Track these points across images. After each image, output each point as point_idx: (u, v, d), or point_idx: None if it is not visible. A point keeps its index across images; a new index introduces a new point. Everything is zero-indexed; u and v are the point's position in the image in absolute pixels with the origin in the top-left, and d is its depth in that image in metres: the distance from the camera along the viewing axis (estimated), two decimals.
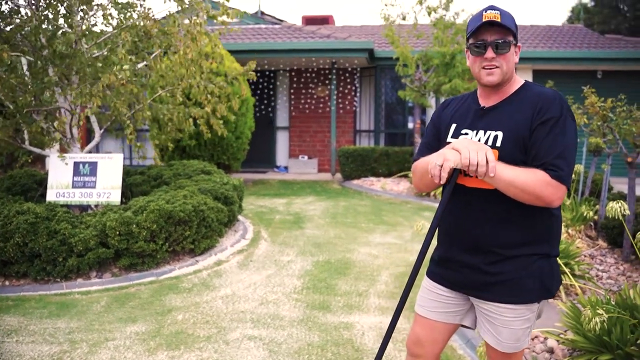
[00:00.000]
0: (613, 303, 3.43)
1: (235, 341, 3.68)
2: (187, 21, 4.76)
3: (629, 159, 5.30)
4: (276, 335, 3.78)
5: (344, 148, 11.48)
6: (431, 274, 2.26)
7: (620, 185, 9.22)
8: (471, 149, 1.80)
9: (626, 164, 5.29)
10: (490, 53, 1.95)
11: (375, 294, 4.67)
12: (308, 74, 13.33)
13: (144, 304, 4.32)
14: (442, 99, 10.97)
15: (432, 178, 1.88)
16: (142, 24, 4.67)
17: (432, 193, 9.29)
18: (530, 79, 12.76)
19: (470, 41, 2.01)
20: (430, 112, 12.78)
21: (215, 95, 5.39)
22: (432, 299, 2.21)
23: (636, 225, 5.42)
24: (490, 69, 1.97)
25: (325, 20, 18.78)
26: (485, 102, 2.07)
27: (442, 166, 1.83)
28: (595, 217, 6.21)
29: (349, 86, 13.41)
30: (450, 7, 9.88)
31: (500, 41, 1.94)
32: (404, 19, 10.29)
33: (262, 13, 14.53)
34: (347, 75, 13.38)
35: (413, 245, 6.31)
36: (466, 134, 2.05)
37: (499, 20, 1.93)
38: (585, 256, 5.39)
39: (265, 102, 13.61)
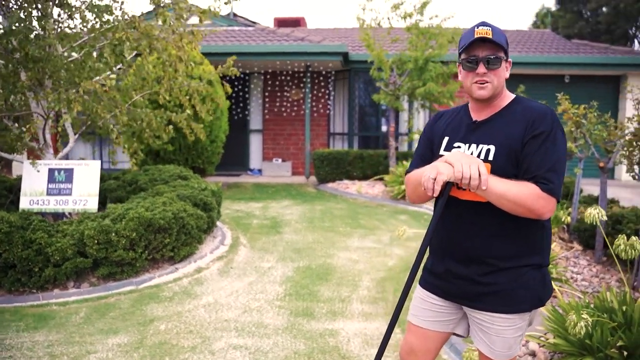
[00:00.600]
0: (592, 306, 3.53)
1: (220, 351, 3.65)
2: (173, 21, 4.69)
3: (601, 163, 5.45)
4: (262, 344, 3.76)
5: (319, 151, 11.49)
6: (424, 283, 2.27)
7: (588, 187, 9.49)
8: (464, 162, 1.83)
9: (599, 168, 5.44)
10: (481, 68, 1.99)
11: (358, 300, 4.69)
12: (282, 77, 13.31)
13: (125, 315, 4.25)
14: (416, 103, 11.10)
15: (425, 190, 1.90)
16: (122, 27, 4.58)
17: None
18: None
19: (463, 56, 2.05)
20: (404, 115, 12.91)
21: (200, 95, 5.32)
22: (426, 308, 2.24)
23: (608, 227, 5.58)
24: (481, 84, 2.01)
25: (297, 23, 18.78)
26: (477, 115, 2.11)
27: (435, 179, 1.85)
28: (568, 220, 6.36)
29: (323, 89, 13.44)
30: (425, 13, 9.98)
31: (491, 57, 1.98)
32: (379, 24, 10.36)
33: (235, 15, 14.44)
34: (321, 78, 13.41)
35: (392, 250, 6.36)
36: (459, 147, 2.08)
37: (490, 36, 1.97)
38: (560, 259, 5.52)
39: (240, 105, 13.52)
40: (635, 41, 32.30)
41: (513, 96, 2.11)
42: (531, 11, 60.15)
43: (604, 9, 32.24)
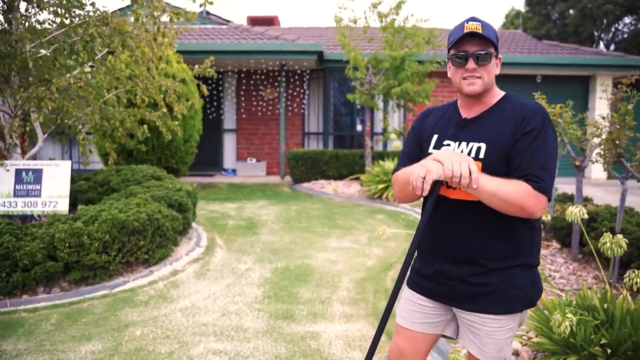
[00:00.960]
0: (574, 304, 3.54)
1: (199, 356, 3.54)
2: (146, 19, 4.54)
3: (577, 162, 5.50)
4: (242, 349, 3.66)
5: (294, 151, 11.40)
6: (412, 285, 2.22)
7: (560, 185, 9.62)
8: (454, 160, 1.79)
9: (575, 167, 5.48)
10: (471, 64, 1.95)
11: (338, 301, 4.62)
12: (257, 76, 13.17)
13: (99, 320, 4.09)
14: (392, 102, 11.09)
15: (413, 189, 1.84)
16: (94, 23, 4.41)
17: (383, 195, 9.36)
18: None
19: (452, 52, 2.01)
20: (379, 114, 12.91)
21: (176, 94, 5.17)
22: (414, 309, 2.18)
23: (583, 225, 5.63)
24: (471, 79, 1.97)
25: (270, 21, 18.65)
26: (466, 113, 2.07)
27: (424, 178, 1.80)
28: (548, 219, 6.42)
29: (298, 88, 13.35)
30: (400, 12, 9.99)
31: (482, 52, 1.94)
32: (355, 22, 10.33)
33: (208, 13, 14.23)
34: (296, 77, 13.31)
35: (370, 250, 6.31)
36: (448, 145, 2.04)
37: (480, 31, 1.94)
38: None
39: (214, 104, 13.33)
40: (601, 43, 33.11)
41: (503, 93, 2.07)
42: (501, 12, 61.09)
43: (571, 11, 32.98)
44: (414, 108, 11.13)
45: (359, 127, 13.36)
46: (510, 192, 1.81)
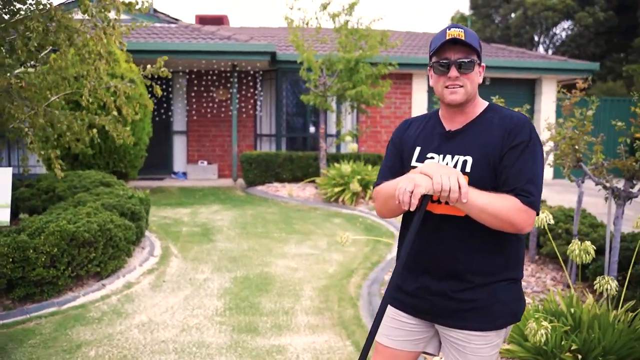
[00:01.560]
0: (541, 310, 3.55)
1: None
2: (95, 12, 4.24)
3: None
4: None
5: (247, 153, 11.18)
6: (393, 301, 2.12)
7: None
8: (443, 174, 1.71)
9: None
10: (453, 72, 1.88)
11: (302, 311, 4.49)
12: (208, 77, 12.84)
13: (47, 341, 3.80)
14: (346, 105, 11.05)
15: (398, 204, 1.76)
16: (37, 17, 4.08)
17: (340, 199, 9.30)
18: (425, 85, 13.30)
19: (434, 59, 1.94)
20: (332, 116, 12.86)
21: (124, 96, 4.88)
22: (395, 327, 2.10)
23: (541, 228, 5.73)
24: (453, 88, 1.89)
25: (219, 20, 18.31)
26: (449, 124, 1.99)
27: (412, 192, 1.72)
28: None
29: (251, 89, 13.12)
30: (354, 13, 9.95)
31: (464, 60, 1.87)
32: (307, 23, 10.21)
33: (155, 10, 13.79)
34: (249, 78, 13.07)
35: (331, 255, 6.21)
36: (432, 158, 1.97)
37: (463, 38, 1.86)
38: None
39: (164, 105, 12.91)
40: (541, 46, 34.44)
41: (487, 103, 2.01)
42: (447, 15, 62.54)
43: (513, 15, 34.11)
44: (368, 110, 11.12)
45: (311, 129, 13.27)
46: (499, 207, 1.76)
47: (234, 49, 10.74)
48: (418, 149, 2.02)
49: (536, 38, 34.40)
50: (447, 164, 1.90)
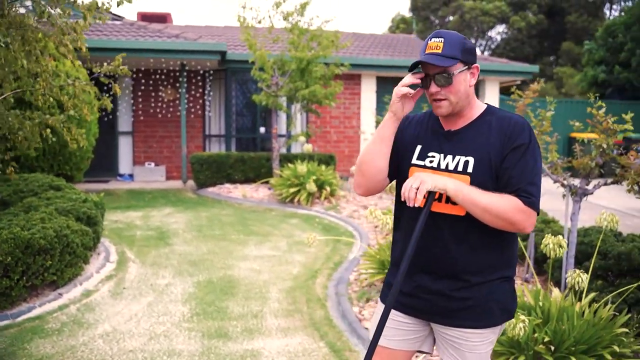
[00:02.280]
0: None
1: None
2: (52, 11, 3.99)
3: None
4: None
5: (198, 154, 10.95)
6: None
7: None
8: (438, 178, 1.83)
9: None
10: (433, 87, 1.90)
11: (271, 314, 4.44)
12: (155, 76, 12.47)
13: (4, 357, 3.57)
14: (298, 105, 11.01)
15: (407, 200, 1.80)
16: None
17: (295, 199, 9.26)
18: (374, 86, 13.47)
19: (418, 73, 1.96)
20: (282, 117, 12.79)
21: (78, 97, 4.64)
22: (391, 326, 2.11)
23: None
24: (437, 102, 1.92)
25: (163, 19, 17.84)
26: (448, 125, 2.01)
27: (418, 188, 1.78)
28: None
29: (200, 89, 12.85)
30: (305, 14, 9.93)
31: (444, 75, 1.86)
32: (259, 22, 10.11)
33: (98, 7, 13.26)
34: (199, 77, 12.80)
35: (292, 256, 6.18)
36: (433, 156, 1.98)
37: (440, 51, 1.86)
38: None
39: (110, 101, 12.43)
40: (478, 49, 35.65)
41: (485, 106, 2.02)
42: (387, 17, 63.63)
43: (451, 18, 35.17)
44: (318, 110, 11.11)
45: (262, 130, 13.15)
46: (501, 207, 1.81)
47: (183, 47, 10.48)
48: (419, 148, 2.02)
49: (473, 41, 35.59)
50: (447, 163, 1.93)
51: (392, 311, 2.10)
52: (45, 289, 4.56)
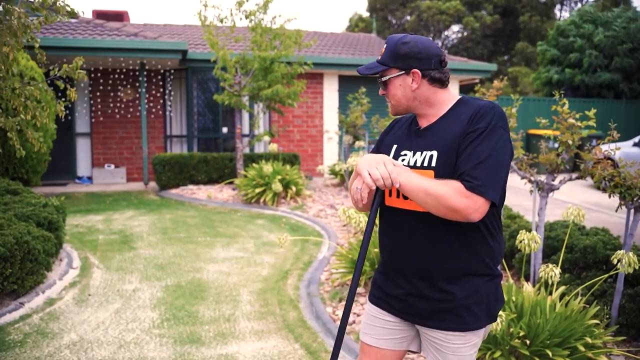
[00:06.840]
0: None
1: None
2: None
3: None
4: None
5: (160, 155, 10.71)
6: (374, 299, 2.11)
7: None
8: (371, 165, 1.80)
9: None
10: (381, 90, 2.02)
11: (243, 317, 4.37)
12: (114, 75, 12.14)
13: None
14: (261, 105, 10.91)
15: (356, 203, 1.89)
16: None
17: (261, 200, 9.17)
18: (336, 84, 13.49)
19: None
20: (245, 116, 12.67)
21: (35, 100, 4.45)
22: (378, 325, 2.08)
23: None
24: (388, 102, 2.03)
25: (120, 16, 17.36)
26: (422, 122, 2.00)
27: (361, 188, 1.83)
28: None
29: (161, 89, 12.58)
30: (268, 12, 9.84)
31: (380, 80, 1.98)
32: (221, 21, 9.96)
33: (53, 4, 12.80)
34: (159, 77, 12.52)
35: (261, 258, 6.10)
36: (405, 155, 1.98)
37: (380, 57, 1.97)
38: None
39: (68, 106, 12.03)
40: None
41: (457, 98, 2.00)
42: (345, 16, 63.92)
43: (409, 17, 35.61)
44: (281, 109, 11.04)
45: (224, 130, 12.97)
46: (441, 191, 1.72)
47: (143, 46, 10.23)
48: (394, 147, 2.02)
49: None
50: (416, 160, 1.91)
51: (377, 309, 2.09)
52: (6, 299, 4.35)
